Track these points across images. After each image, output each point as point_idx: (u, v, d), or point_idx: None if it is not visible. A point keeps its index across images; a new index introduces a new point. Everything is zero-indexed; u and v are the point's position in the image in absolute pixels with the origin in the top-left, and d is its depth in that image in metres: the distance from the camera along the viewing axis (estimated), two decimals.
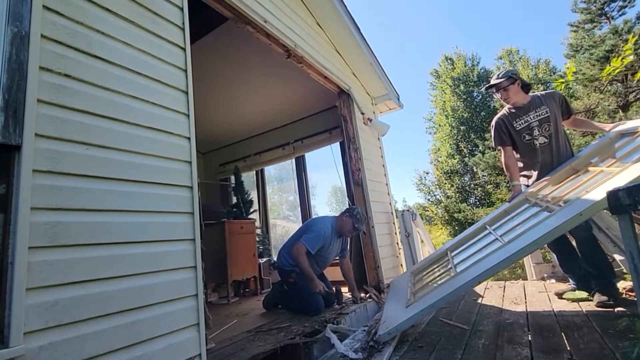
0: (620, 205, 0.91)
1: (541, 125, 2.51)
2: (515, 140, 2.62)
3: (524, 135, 2.56)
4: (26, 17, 1.13)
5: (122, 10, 1.50)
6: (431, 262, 2.83)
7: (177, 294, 1.46)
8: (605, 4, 14.60)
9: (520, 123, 2.57)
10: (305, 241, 2.90)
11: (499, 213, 2.63)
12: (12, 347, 0.95)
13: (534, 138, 2.53)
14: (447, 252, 2.68)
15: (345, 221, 3.07)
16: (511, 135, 2.63)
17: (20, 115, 1.07)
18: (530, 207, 2.33)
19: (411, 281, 2.68)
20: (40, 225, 1.08)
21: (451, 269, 2.31)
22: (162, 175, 1.51)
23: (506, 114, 2.65)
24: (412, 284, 2.61)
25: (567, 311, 2.38)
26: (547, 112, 2.50)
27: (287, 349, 2.02)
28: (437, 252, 2.91)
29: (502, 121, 2.66)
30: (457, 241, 2.77)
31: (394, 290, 2.86)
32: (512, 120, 2.60)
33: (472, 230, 2.72)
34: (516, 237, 1.98)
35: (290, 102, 4.64)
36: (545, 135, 2.50)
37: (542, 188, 2.40)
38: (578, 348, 1.70)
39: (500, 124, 2.66)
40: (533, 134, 2.53)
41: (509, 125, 2.62)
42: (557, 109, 2.54)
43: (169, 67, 1.66)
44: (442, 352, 1.87)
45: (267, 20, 2.57)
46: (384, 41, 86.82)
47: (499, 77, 2.60)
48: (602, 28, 15.08)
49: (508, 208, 2.58)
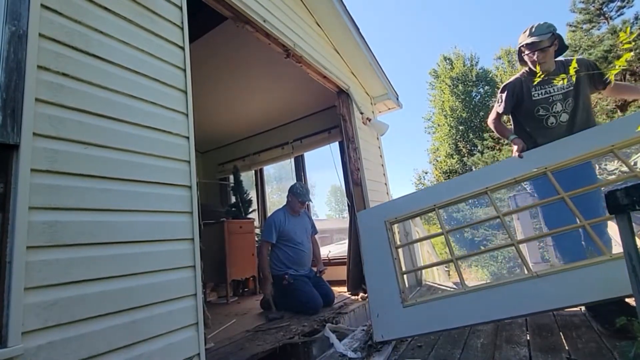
0: (618, 205, 0.91)
1: (565, 100, 2.03)
2: (522, 111, 2.16)
3: (538, 109, 2.08)
4: (24, 16, 1.13)
5: (121, 9, 1.49)
6: (413, 214, 2.25)
7: (176, 294, 1.46)
8: (604, 4, 14.65)
9: (540, 93, 2.07)
10: (264, 236, 3.12)
11: (507, 181, 2.02)
12: (10, 346, 0.95)
13: (551, 114, 2.06)
14: (435, 208, 2.15)
15: (292, 200, 3.26)
16: (520, 105, 2.15)
17: (18, 114, 1.07)
18: (559, 200, 1.83)
19: (392, 238, 2.20)
20: (38, 224, 1.08)
21: (451, 263, 1.99)
22: (161, 175, 1.51)
23: (522, 80, 2.14)
24: (395, 249, 2.15)
25: (566, 311, 2.38)
26: (572, 85, 2.02)
27: (286, 348, 2.02)
28: (420, 198, 2.27)
29: (519, 84, 2.14)
30: (448, 201, 2.14)
31: (368, 241, 2.30)
32: (530, 87, 2.10)
33: (470, 194, 2.10)
34: (554, 273, 1.64)
35: (289, 101, 4.64)
36: (567, 112, 2.03)
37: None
38: (576, 347, 1.70)
39: (517, 86, 2.15)
40: (552, 109, 2.05)
41: (525, 92, 2.11)
42: (586, 81, 2.03)
43: (168, 67, 1.66)
44: (441, 351, 1.88)
45: (267, 20, 2.56)
46: (383, 41, 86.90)
47: (539, 34, 1.98)
48: (600, 28, 15.12)
49: (519, 177, 2.00)
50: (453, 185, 2.23)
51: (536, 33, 1.99)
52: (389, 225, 2.26)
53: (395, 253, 2.15)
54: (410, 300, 1.95)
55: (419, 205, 2.23)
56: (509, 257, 13.16)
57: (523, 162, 2.01)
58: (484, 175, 2.16)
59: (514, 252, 2.11)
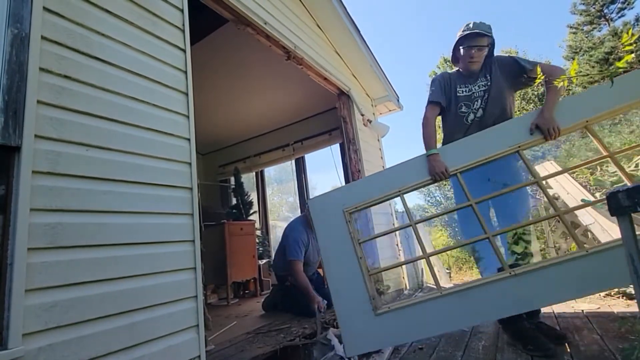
0: (620, 207, 0.91)
1: (483, 97, 2.02)
2: (448, 109, 2.11)
3: (461, 105, 2.07)
4: (26, 19, 1.14)
5: (123, 11, 1.50)
6: (376, 200, 1.90)
7: (176, 296, 1.46)
8: (605, 6, 14.66)
9: (464, 90, 2.07)
10: (293, 256, 2.90)
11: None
12: (10, 348, 0.95)
13: (471, 111, 2.05)
14: (400, 193, 1.88)
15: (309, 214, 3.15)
16: (449, 102, 2.10)
17: (20, 116, 1.07)
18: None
19: (354, 232, 1.87)
20: (39, 226, 1.08)
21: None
22: (162, 177, 1.51)
23: (451, 75, 2.14)
24: (359, 245, 1.84)
25: (567, 313, 2.37)
26: (489, 83, 2.02)
27: (287, 350, 2.01)
28: (383, 182, 1.94)
29: (448, 77, 2.13)
30: (416, 184, 1.88)
31: (325, 236, 1.93)
32: (457, 84, 2.09)
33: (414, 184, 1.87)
34: (532, 270, 1.54)
35: (290, 103, 4.64)
36: (483, 108, 2.02)
37: None
38: (578, 350, 1.70)
39: (446, 79, 2.13)
40: (472, 106, 2.04)
41: (452, 88, 2.10)
42: (506, 79, 2.01)
43: (169, 69, 1.66)
44: (442, 353, 1.87)
45: (267, 22, 2.57)
46: (384, 43, 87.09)
47: (482, 29, 1.96)
48: (601, 30, 15.14)
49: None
50: (418, 165, 1.91)
51: (480, 28, 1.97)
52: (348, 215, 1.89)
53: (359, 251, 1.82)
54: (384, 308, 1.71)
55: (383, 190, 1.90)
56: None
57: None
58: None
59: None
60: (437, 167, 1.81)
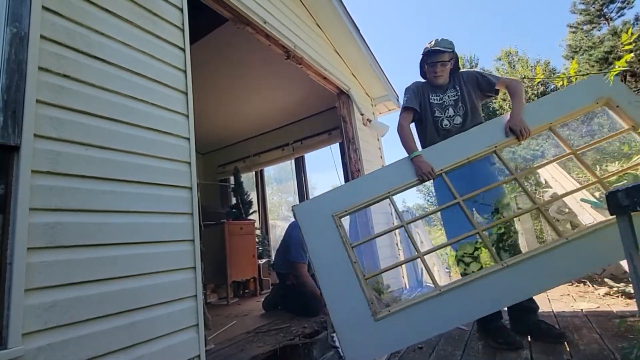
0: (619, 206, 0.91)
1: (456, 106, 2.18)
2: (423, 115, 2.24)
3: (434, 110, 2.22)
4: (25, 18, 1.13)
5: (122, 11, 1.50)
6: (366, 203, 1.90)
7: (176, 295, 1.46)
8: (604, 5, 14.67)
9: (435, 98, 2.23)
10: (298, 259, 2.90)
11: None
12: (10, 348, 0.95)
13: (444, 117, 2.20)
14: (389, 195, 1.90)
15: None
16: (421, 106, 2.25)
17: (19, 115, 1.07)
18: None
19: (345, 236, 1.84)
20: (39, 226, 1.08)
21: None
22: (162, 176, 1.51)
23: (423, 84, 2.30)
24: (352, 249, 1.81)
25: (567, 312, 2.38)
26: (459, 93, 2.20)
27: (287, 350, 2.01)
28: (371, 184, 1.95)
29: (421, 86, 2.29)
30: (405, 185, 1.91)
31: (315, 243, 1.86)
32: (429, 92, 2.25)
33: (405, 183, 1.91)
34: (523, 260, 1.62)
35: (289, 102, 4.64)
36: (460, 115, 2.17)
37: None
38: (578, 349, 1.70)
39: (419, 88, 2.29)
40: (445, 113, 2.20)
41: (426, 95, 2.25)
42: (474, 90, 2.20)
43: (169, 68, 1.66)
44: (442, 353, 1.87)
45: (267, 21, 2.57)
46: (384, 43, 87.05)
47: (443, 46, 2.14)
48: (601, 29, 15.15)
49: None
50: (403, 167, 1.95)
51: (441, 45, 2.15)
52: (338, 220, 1.86)
53: (353, 255, 1.77)
54: (384, 311, 1.65)
55: (371, 193, 1.90)
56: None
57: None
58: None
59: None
60: (424, 168, 1.88)
